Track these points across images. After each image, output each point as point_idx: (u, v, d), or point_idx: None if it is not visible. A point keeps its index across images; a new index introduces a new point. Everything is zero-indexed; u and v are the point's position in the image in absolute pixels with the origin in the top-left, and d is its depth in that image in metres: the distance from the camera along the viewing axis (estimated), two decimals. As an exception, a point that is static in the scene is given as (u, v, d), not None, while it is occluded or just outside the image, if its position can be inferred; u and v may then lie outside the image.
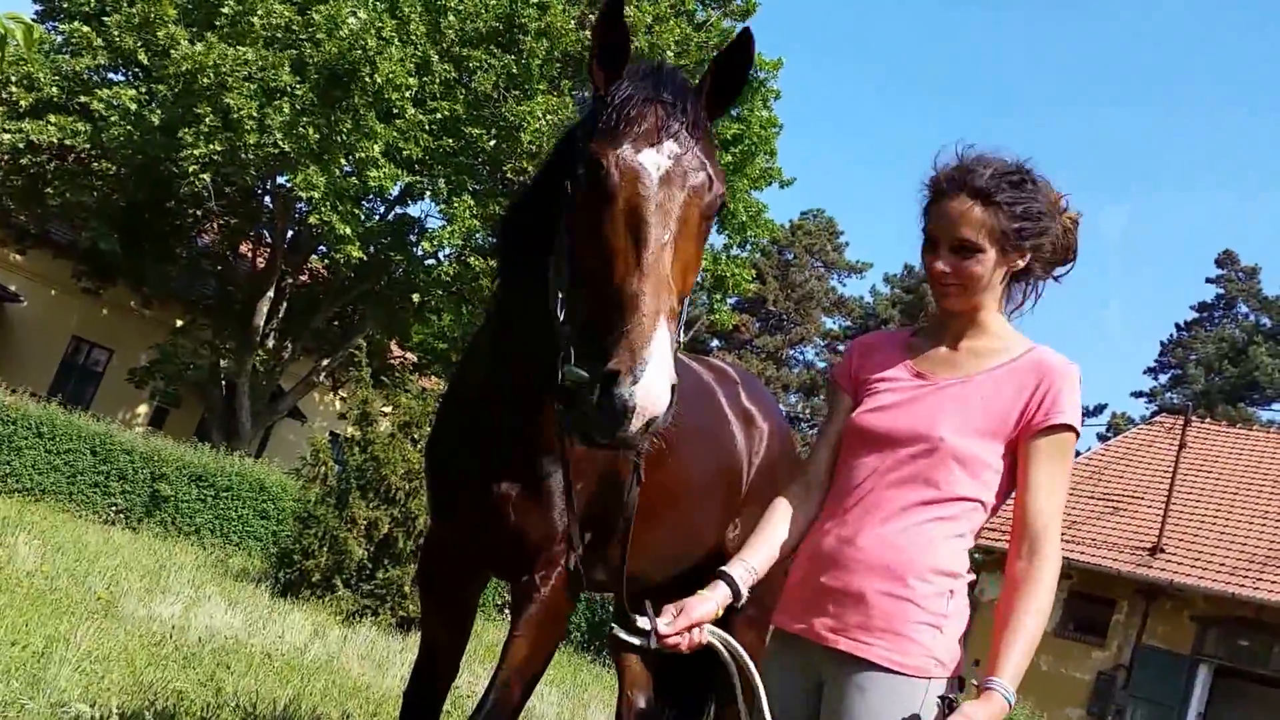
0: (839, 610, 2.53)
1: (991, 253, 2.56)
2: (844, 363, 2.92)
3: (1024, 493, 2.54)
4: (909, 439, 2.59)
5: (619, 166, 2.48)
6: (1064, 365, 2.59)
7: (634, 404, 2.20)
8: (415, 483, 11.35)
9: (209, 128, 18.62)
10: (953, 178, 2.62)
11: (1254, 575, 20.22)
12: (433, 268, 22.18)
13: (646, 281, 2.35)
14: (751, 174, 23.30)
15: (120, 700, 5.07)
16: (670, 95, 2.59)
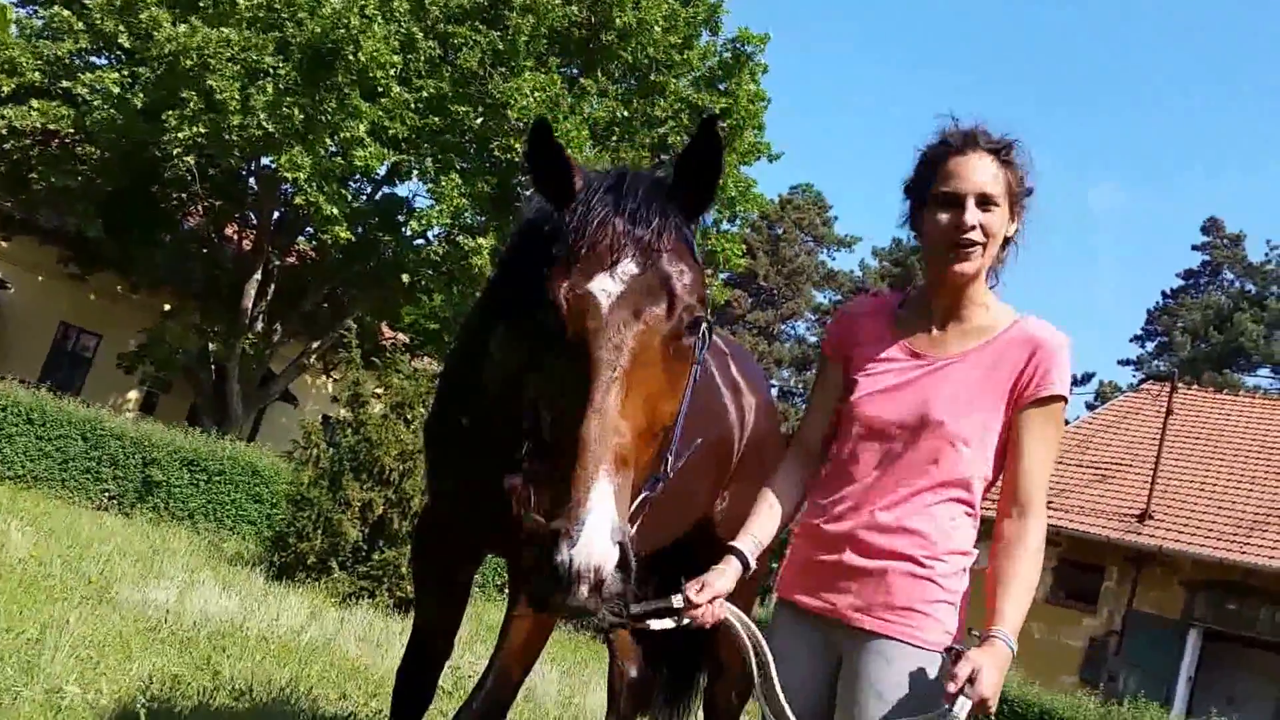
0: (861, 589, 2.63)
1: (1005, 210, 2.65)
2: (832, 332, 2.99)
3: (1016, 459, 2.63)
4: (913, 423, 2.65)
5: (568, 298, 2.32)
6: (1054, 337, 2.67)
7: (575, 569, 2.06)
8: (409, 463, 11.34)
9: (193, 110, 18.47)
10: (965, 136, 2.67)
11: (1241, 539, 20.50)
12: (422, 248, 22.06)
13: (590, 426, 2.18)
14: (740, 149, 23.20)
15: (115, 685, 5.08)
16: (631, 206, 2.42)
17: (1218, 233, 52.98)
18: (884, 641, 2.59)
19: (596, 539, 2.08)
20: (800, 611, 2.76)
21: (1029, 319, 2.73)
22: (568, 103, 20.69)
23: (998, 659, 2.39)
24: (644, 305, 2.33)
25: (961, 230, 2.62)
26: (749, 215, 25.54)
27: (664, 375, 2.36)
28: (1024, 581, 2.52)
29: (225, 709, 5.28)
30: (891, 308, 2.90)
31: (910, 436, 2.66)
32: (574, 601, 2.08)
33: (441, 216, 20.47)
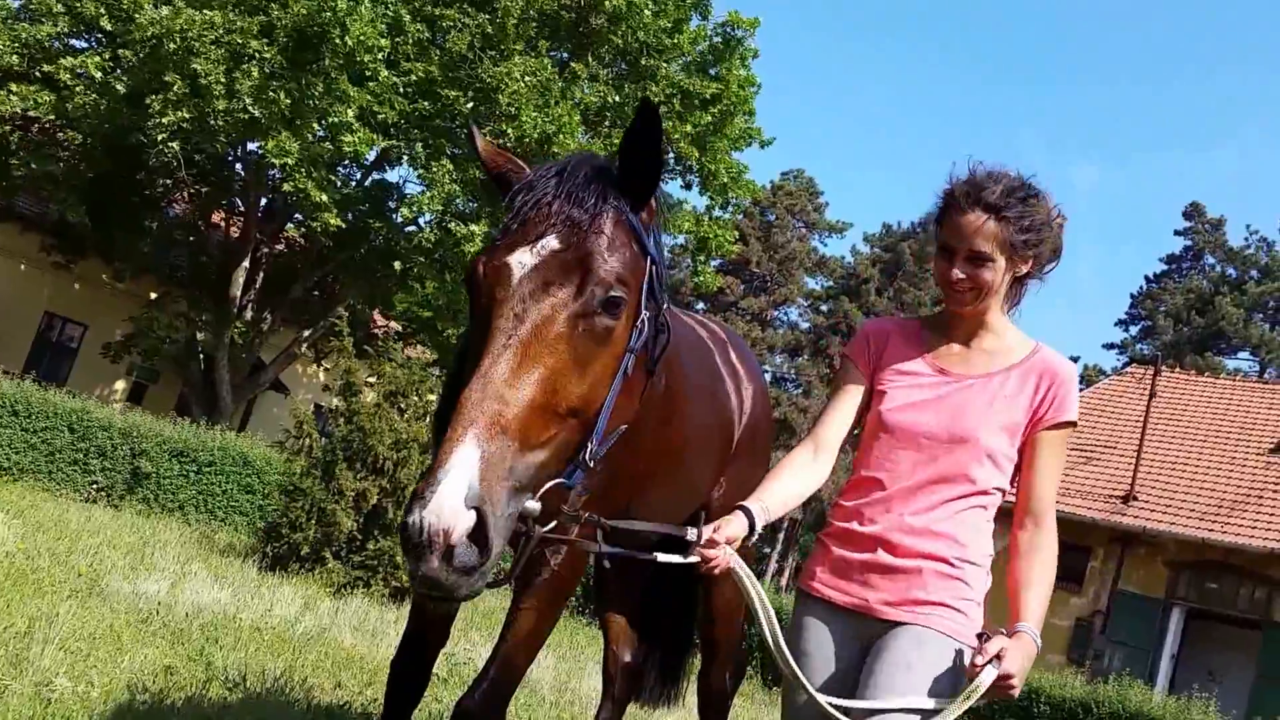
0: (893, 585, 2.84)
1: (1001, 261, 2.84)
2: (859, 346, 3.14)
3: (1030, 476, 2.90)
4: (945, 435, 2.88)
5: (484, 269, 2.39)
6: (1067, 367, 2.96)
7: (422, 530, 2.00)
8: (404, 452, 11.29)
9: (177, 95, 18.21)
10: (967, 193, 2.85)
11: (1223, 520, 20.97)
12: (413, 234, 21.88)
13: (470, 391, 2.19)
14: (731, 134, 23.15)
15: (106, 678, 5.05)
16: (569, 187, 2.45)
17: (1199, 218, 53.69)
18: (916, 628, 2.78)
19: (446, 500, 2.02)
20: (829, 607, 2.94)
21: (1044, 349, 3.00)
22: (558, 87, 20.55)
23: (1024, 648, 2.63)
24: (554, 279, 2.34)
25: (949, 281, 2.88)
26: (741, 201, 25.53)
27: (570, 353, 2.34)
28: (1044, 584, 2.79)
29: (218, 700, 5.25)
30: (915, 327, 3.13)
31: (942, 447, 2.87)
32: (425, 569, 2.01)
33: (433, 203, 20.32)
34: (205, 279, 24.02)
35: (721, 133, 23.01)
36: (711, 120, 22.65)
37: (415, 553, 2.02)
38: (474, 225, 20.43)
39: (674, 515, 4.01)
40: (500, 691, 3.31)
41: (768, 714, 10.70)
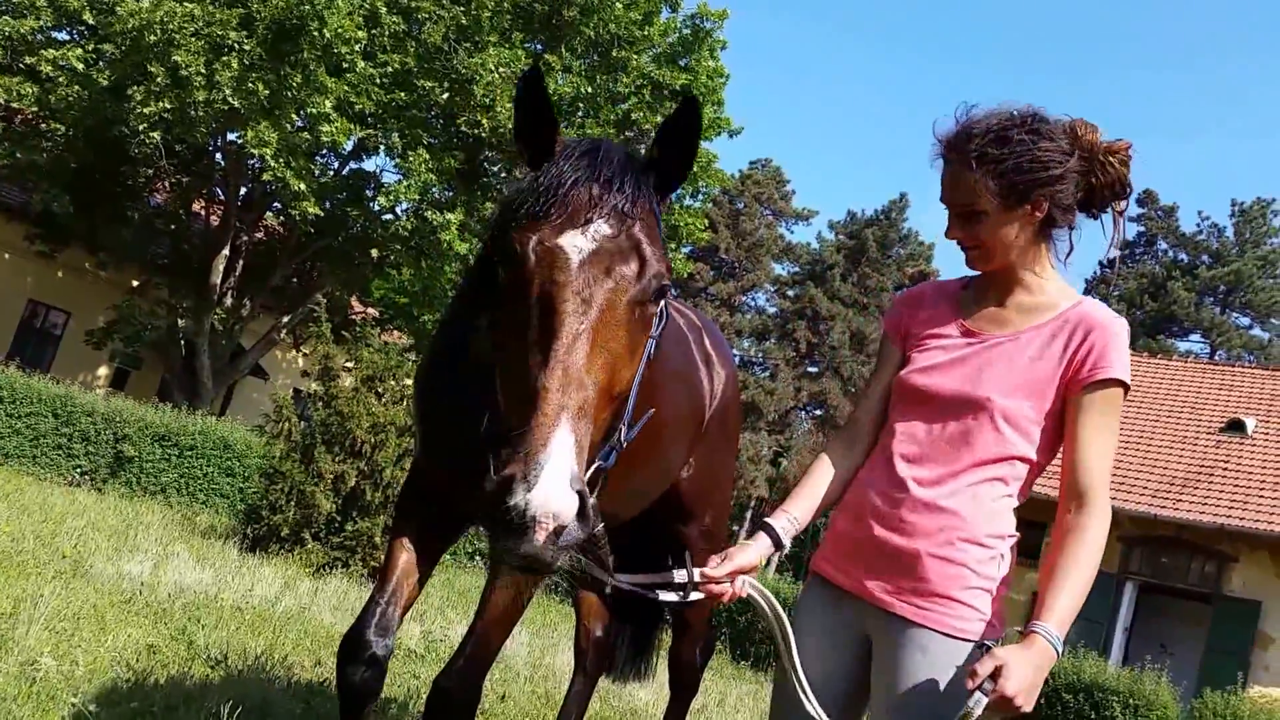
0: (892, 573, 2.56)
1: (993, 214, 2.55)
2: (893, 316, 2.89)
3: (1071, 447, 2.53)
4: (956, 399, 2.59)
5: (536, 250, 2.30)
6: (1111, 319, 2.58)
7: (531, 514, 2.01)
8: (381, 435, 11.37)
9: (158, 86, 18.36)
10: (950, 144, 2.62)
11: (1174, 497, 21.27)
12: (390, 222, 22.05)
13: (553, 375, 2.15)
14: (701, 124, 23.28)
15: (91, 657, 5.10)
16: (607, 174, 2.40)
17: (1152, 204, 54.08)
18: (918, 630, 2.51)
19: (555, 483, 2.03)
20: (833, 590, 2.70)
21: (1087, 302, 2.64)
22: (532, 78, 20.67)
23: (1034, 656, 2.29)
24: (615, 264, 2.32)
25: (951, 238, 2.66)
26: (710, 190, 25.67)
27: (626, 339, 2.33)
28: (1077, 575, 2.41)
29: (201, 678, 5.29)
30: (955, 289, 2.84)
31: (954, 412, 2.59)
32: (529, 548, 2.03)
33: (409, 191, 20.47)
34: (186, 267, 24.12)
35: (692, 123, 23.12)
36: (681, 110, 22.75)
37: (517, 532, 2.02)
38: (449, 213, 20.64)
39: (649, 497, 4.13)
40: (477, 667, 3.30)
41: (735, 687, 10.89)
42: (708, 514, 4.76)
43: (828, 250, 54.22)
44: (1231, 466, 22.09)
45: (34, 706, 4.14)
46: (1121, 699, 12.05)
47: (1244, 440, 22.87)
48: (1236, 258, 49.76)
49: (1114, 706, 12.03)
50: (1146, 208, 54.29)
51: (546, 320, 2.23)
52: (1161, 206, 53.89)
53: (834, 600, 2.68)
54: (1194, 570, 20.76)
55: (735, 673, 12.73)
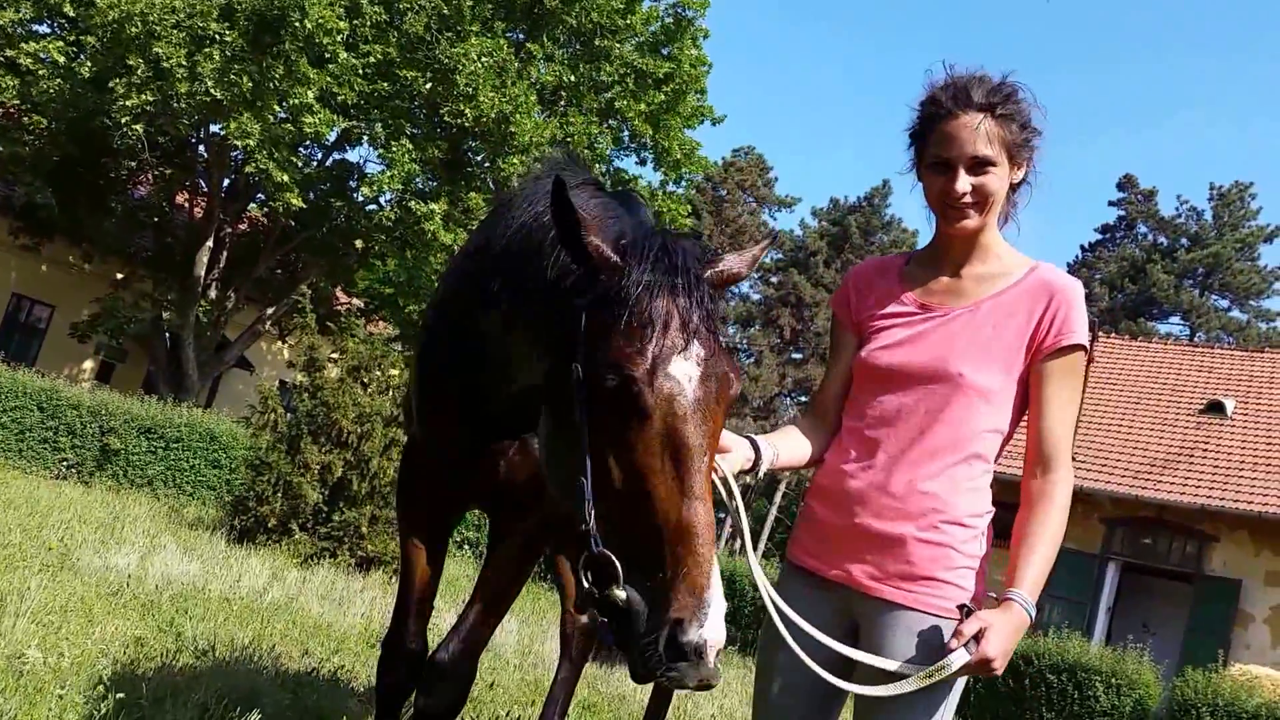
0: (878, 558, 2.56)
1: (1005, 164, 2.55)
2: (841, 296, 2.88)
3: (1036, 414, 2.55)
4: (926, 375, 2.58)
5: (654, 384, 2.21)
6: (1069, 283, 2.58)
7: (704, 648, 2.05)
8: (367, 426, 11.40)
9: (140, 78, 18.34)
10: (955, 95, 2.56)
11: (1155, 478, 21.38)
12: (374, 213, 22.09)
13: (696, 509, 2.15)
14: (684, 112, 23.37)
15: (78, 649, 5.11)
16: (683, 282, 2.32)
17: (1132, 188, 54.29)
18: (906, 612, 2.52)
19: (720, 623, 2.11)
20: (813, 579, 2.69)
21: (1042, 266, 2.64)
22: (515, 68, 20.71)
23: (1011, 621, 2.36)
24: (720, 389, 2.30)
25: (952, 196, 2.55)
26: (693, 177, 25.77)
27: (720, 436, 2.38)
28: (1045, 540, 2.47)
29: (188, 668, 5.25)
30: (899, 265, 2.82)
31: (925, 391, 2.57)
32: (707, 672, 2.07)
33: (393, 182, 20.46)
34: (170, 259, 24.10)
35: (674, 111, 23.19)
36: (664, 99, 22.85)
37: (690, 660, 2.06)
38: (433, 204, 20.66)
39: None
40: (472, 646, 3.39)
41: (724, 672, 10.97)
42: None
43: (811, 237, 54.30)
44: (1211, 447, 22.25)
45: (21, 699, 4.15)
46: (1104, 678, 12.16)
47: (1224, 421, 23.03)
48: (1215, 240, 49.96)
49: (1097, 686, 12.14)
50: (1126, 192, 54.50)
51: (673, 454, 2.20)
52: (1141, 190, 54.10)
53: (815, 588, 2.67)
54: (1175, 550, 20.91)
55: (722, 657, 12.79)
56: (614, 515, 2.24)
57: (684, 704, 7.95)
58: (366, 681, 6.05)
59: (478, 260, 3.13)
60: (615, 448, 2.25)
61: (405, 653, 3.60)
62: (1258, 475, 20.89)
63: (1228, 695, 11.56)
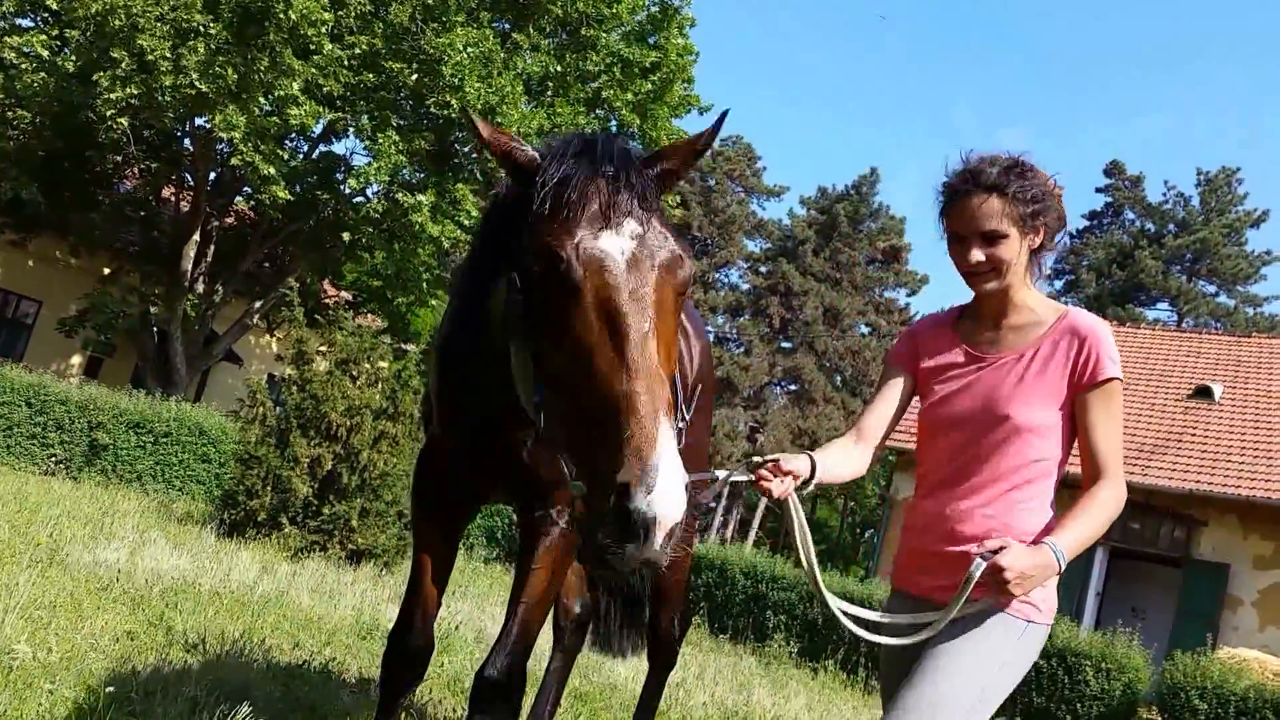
0: (949, 572, 2.86)
1: (1014, 236, 2.90)
2: (902, 349, 3.23)
3: (1085, 439, 2.90)
4: (980, 418, 2.94)
5: (580, 257, 2.26)
6: (1096, 324, 2.96)
7: (652, 515, 2.01)
8: (356, 418, 11.41)
9: (124, 71, 18.25)
10: (966, 178, 2.94)
11: (1143, 463, 21.31)
12: (361, 205, 22.02)
13: (638, 379, 2.14)
14: (671, 102, 23.34)
15: (67, 644, 5.11)
16: (612, 169, 2.39)
17: (1119, 175, 54.58)
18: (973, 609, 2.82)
19: (674, 485, 2.05)
20: (903, 597, 3.06)
21: (1072, 312, 3.01)
22: (500, 58, 20.66)
23: (1037, 555, 2.66)
24: (657, 261, 2.33)
25: (969, 266, 2.95)
26: (682, 167, 25.71)
27: (673, 329, 2.36)
28: (1089, 518, 2.79)
29: (179, 663, 5.29)
30: (953, 319, 3.19)
31: (981, 430, 2.93)
32: (651, 553, 2.04)
33: (380, 174, 20.40)
34: (157, 254, 24.01)
35: (661, 100, 23.13)
36: (651, 88, 22.76)
37: (634, 536, 2.03)
38: (421, 195, 20.60)
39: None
40: (520, 656, 3.35)
41: (714, 660, 11.02)
42: None
43: (799, 226, 54.44)
44: (1199, 432, 22.31)
45: (10, 694, 4.16)
46: (1094, 662, 12.22)
47: (1211, 406, 23.10)
48: (1202, 226, 50.19)
49: (1086, 670, 12.20)
50: (1113, 178, 54.75)
51: (609, 326, 2.22)
52: (1128, 177, 54.33)
53: (904, 606, 3.01)
54: (1164, 535, 20.96)
55: (714, 645, 12.87)
56: (563, 408, 2.28)
57: (676, 693, 7.98)
58: (358, 673, 6.07)
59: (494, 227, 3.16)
60: (555, 337, 2.29)
61: (412, 647, 3.61)
62: (1245, 460, 20.97)
63: (1216, 678, 11.63)
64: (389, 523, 11.46)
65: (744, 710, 8.15)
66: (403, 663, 3.65)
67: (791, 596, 13.82)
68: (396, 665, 3.66)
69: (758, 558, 15.33)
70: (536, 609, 3.39)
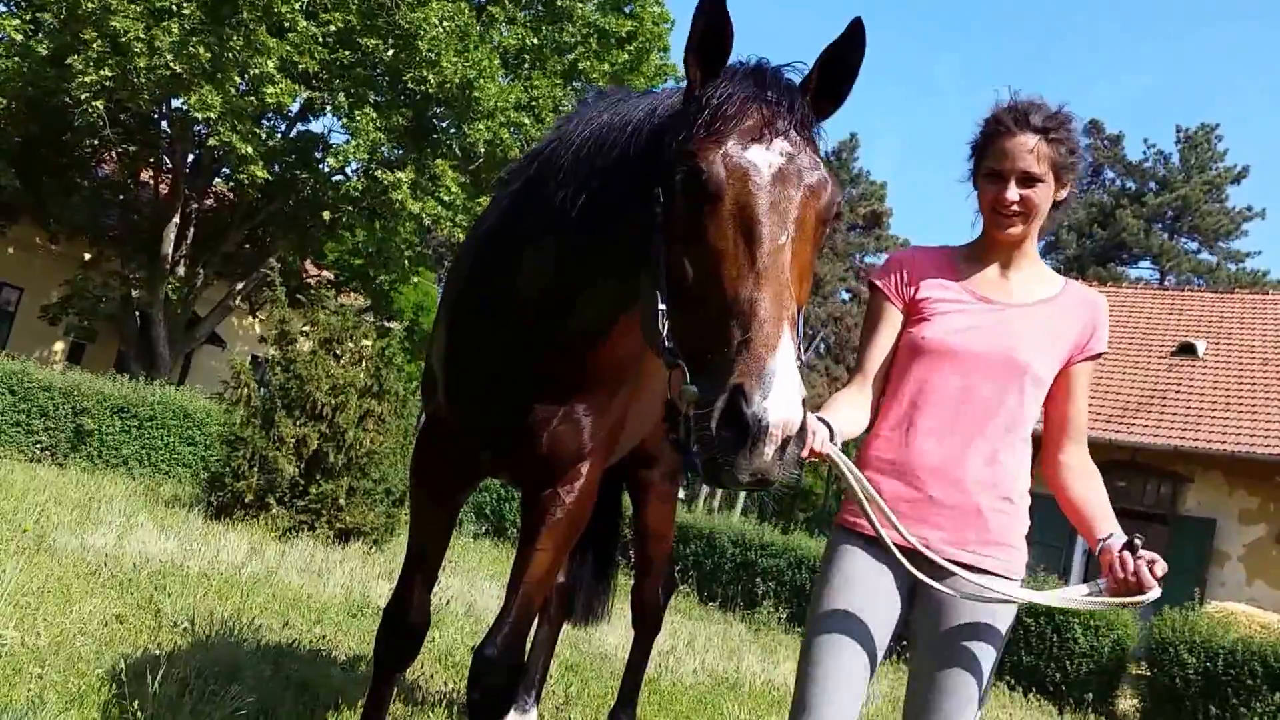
0: (955, 525, 2.83)
1: (1049, 183, 2.88)
2: (889, 277, 3.07)
3: (1071, 402, 2.97)
4: (995, 361, 2.88)
5: (726, 164, 2.23)
6: (1100, 299, 3.04)
7: (766, 422, 1.94)
8: (341, 397, 11.37)
9: (97, 53, 18.13)
10: (1015, 118, 2.88)
11: (1128, 420, 21.50)
12: (341, 184, 21.93)
13: (765, 285, 2.10)
14: (647, 71, 23.25)
15: (56, 629, 5.12)
16: (774, 94, 2.34)
17: (1098, 134, 54.54)
18: (980, 575, 2.78)
19: (790, 389, 1.98)
20: (878, 545, 2.79)
21: (1075, 284, 3.07)
22: (477, 32, 20.53)
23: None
24: (803, 180, 2.28)
25: (1003, 204, 2.88)
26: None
27: (812, 255, 2.33)
28: (1106, 497, 2.93)
29: (168, 645, 5.31)
30: (948, 255, 3.09)
31: (989, 374, 2.87)
32: (761, 463, 1.97)
33: (358, 151, 20.33)
34: (137, 237, 23.90)
35: (638, 70, 23.02)
36: (628, 58, 22.70)
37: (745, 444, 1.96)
38: (400, 172, 20.52)
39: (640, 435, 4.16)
40: (519, 635, 3.32)
41: (704, 628, 11.05)
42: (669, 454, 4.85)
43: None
44: (1183, 389, 22.43)
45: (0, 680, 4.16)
46: (1082, 620, 12.28)
47: (1195, 363, 23.21)
48: (1183, 184, 50.30)
49: (1075, 628, 12.26)
50: (1093, 138, 54.76)
51: (745, 233, 2.18)
52: (1107, 136, 54.37)
53: (883, 554, 2.80)
54: (1149, 492, 21.10)
55: (704, 614, 12.91)
56: (687, 317, 2.21)
57: (666, 660, 8.03)
58: (348, 651, 6.08)
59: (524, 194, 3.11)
60: (689, 245, 2.24)
61: (407, 623, 3.62)
62: (1230, 415, 21.10)
63: (1205, 632, 11.68)
64: (377, 501, 11.46)
65: (734, 676, 8.19)
66: (398, 639, 3.65)
67: (780, 563, 13.86)
68: (392, 642, 3.66)
69: (746, 526, 15.37)
70: (537, 590, 3.35)
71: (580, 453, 3.23)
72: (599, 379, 3.19)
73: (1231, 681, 11.15)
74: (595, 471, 3.34)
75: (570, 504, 3.29)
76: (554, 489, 3.28)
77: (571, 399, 3.16)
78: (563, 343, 3.01)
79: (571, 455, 3.24)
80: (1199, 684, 11.33)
